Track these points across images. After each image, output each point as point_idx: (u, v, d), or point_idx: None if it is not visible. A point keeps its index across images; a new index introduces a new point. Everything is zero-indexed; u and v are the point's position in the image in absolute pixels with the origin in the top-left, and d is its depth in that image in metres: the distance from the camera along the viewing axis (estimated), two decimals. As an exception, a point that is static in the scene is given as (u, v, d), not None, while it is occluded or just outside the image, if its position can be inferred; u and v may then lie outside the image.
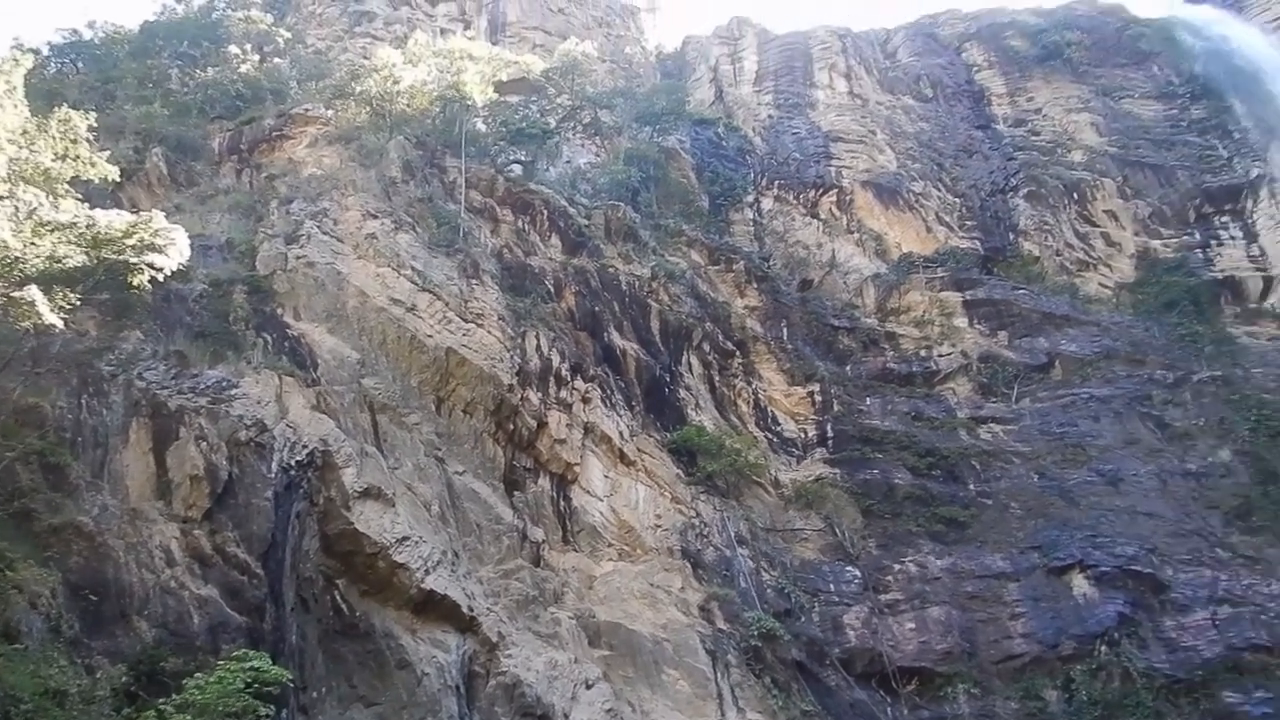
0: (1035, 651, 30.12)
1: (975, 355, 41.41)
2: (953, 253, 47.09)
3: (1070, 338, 42.79)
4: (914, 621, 30.35)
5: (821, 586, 30.47)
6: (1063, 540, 32.71)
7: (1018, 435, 38.34)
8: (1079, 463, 37.05)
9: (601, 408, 31.06)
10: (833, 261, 46.23)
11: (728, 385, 36.71)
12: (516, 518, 26.65)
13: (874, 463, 35.55)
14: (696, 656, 25.22)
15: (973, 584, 31.69)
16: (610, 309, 34.95)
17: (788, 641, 27.48)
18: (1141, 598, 31.05)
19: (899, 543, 32.88)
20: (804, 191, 49.33)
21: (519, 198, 36.41)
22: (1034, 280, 46.41)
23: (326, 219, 30.08)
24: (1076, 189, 50.23)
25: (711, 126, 52.06)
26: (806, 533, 32.66)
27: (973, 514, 34.58)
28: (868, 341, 41.88)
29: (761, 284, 41.30)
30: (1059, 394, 40.22)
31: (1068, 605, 31.10)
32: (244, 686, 15.77)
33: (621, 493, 29.64)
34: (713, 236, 43.48)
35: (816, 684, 27.35)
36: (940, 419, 38.49)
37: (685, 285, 37.48)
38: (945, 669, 29.39)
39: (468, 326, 28.96)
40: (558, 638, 23.88)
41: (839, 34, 59.36)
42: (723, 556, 29.58)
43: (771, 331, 39.45)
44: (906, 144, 52.68)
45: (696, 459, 32.33)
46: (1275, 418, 38.94)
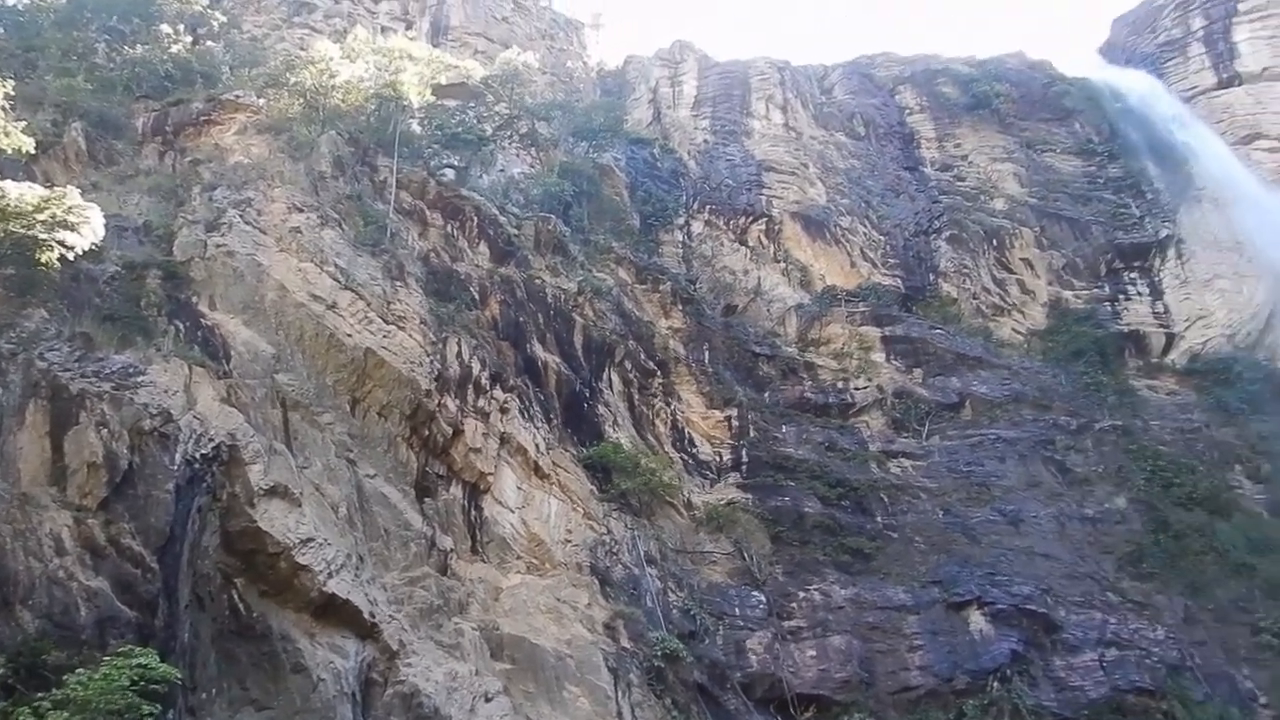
0: (931, 684, 30.67)
1: (890, 390, 42.24)
2: (875, 289, 48.05)
3: (982, 379, 43.94)
4: (815, 649, 30.68)
5: (727, 610, 30.65)
6: (963, 577, 33.44)
7: (926, 471, 39.17)
8: (983, 501, 37.98)
9: (519, 419, 30.87)
10: (758, 289, 46.84)
11: (647, 404, 36.84)
12: (426, 525, 26.27)
13: (786, 490, 35.95)
14: (599, 674, 25.12)
15: (874, 615, 32.17)
16: (534, 320, 34.83)
17: (690, 663, 27.55)
18: (1034, 636, 31.87)
19: (805, 570, 33.27)
20: (734, 218, 49.93)
21: (450, 202, 36.12)
22: (951, 321, 47.57)
23: (250, 209, 29.41)
24: (996, 236, 51.69)
25: (648, 147, 52.45)
26: (715, 556, 32.87)
27: (878, 546, 35.18)
28: (787, 370, 42.44)
29: (687, 306, 41.60)
30: (968, 433, 41.22)
31: (964, 640, 31.76)
32: (130, 684, 15.20)
33: (534, 505, 29.47)
34: (641, 256, 43.68)
35: (716, 707, 27.46)
36: (853, 451, 39.15)
37: (611, 302, 37.57)
38: (843, 697, 29.75)
39: (389, 328, 28.56)
40: (460, 649, 23.57)
41: (778, 66, 60.31)
42: (631, 575, 29.58)
43: (694, 354, 39.72)
44: (837, 179, 53.67)
45: (611, 476, 32.33)
46: (1169, 469, 40.50)
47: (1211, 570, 36.56)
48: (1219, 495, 39.91)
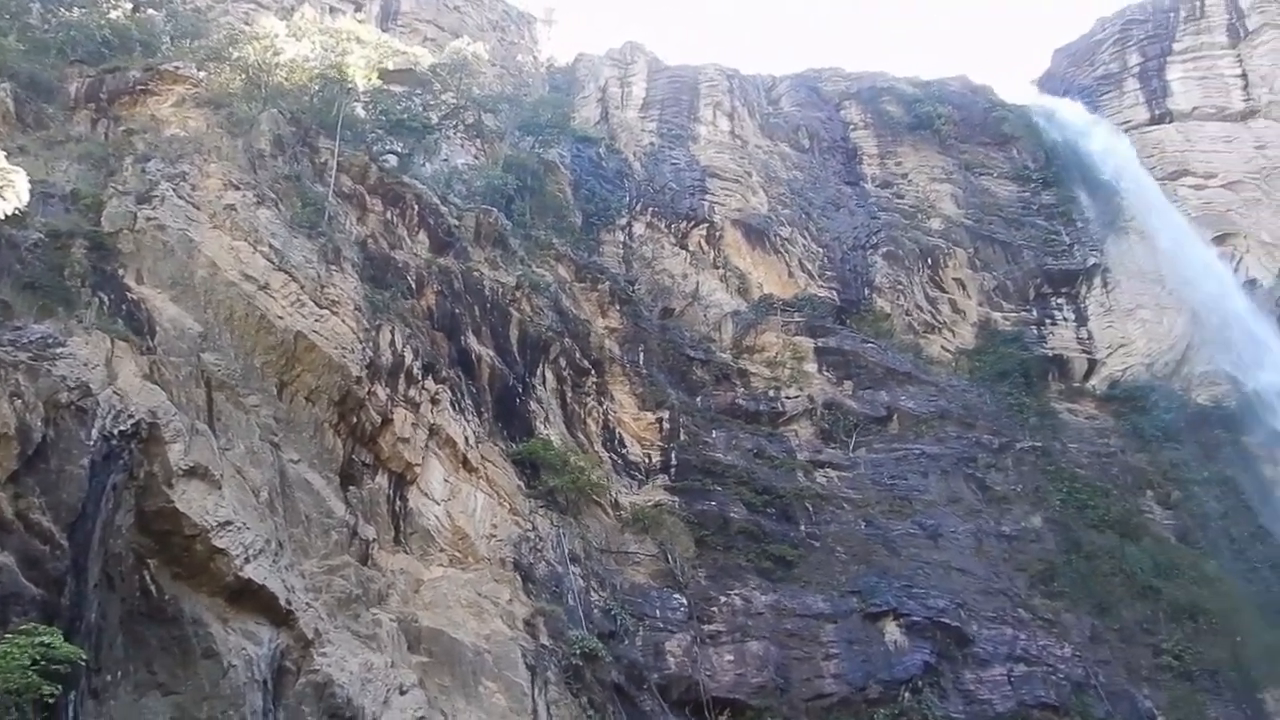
0: (844, 693, 31.16)
1: (820, 401, 42.81)
2: (810, 300, 48.67)
3: (910, 395, 44.74)
4: (733, 654, 30.97)
5: (648, 611, 30.79)
6: (881, 588, 34.02)
7: (851, 483, 39.78)
8: (904, 515, 38.69)
9: (450, 410, 30.64)
10: (696, 293, 47.15)
11: (579, 403, 36.85)
12: (349, 513, 25.94)
13: (712, 495, 36.25)
14: (516, 670, 25.05)
15: (793, 622, 32.58)
16: (471, 313, 34.61)
17: (609, 663, 27.60)
18: (947, 649, 32.55)
19: (727, 575, 33.57)
20: (676, 222, 50.19)
21: (391, 189, 35.70)
22: (883, 336, 48.37)
23: (184, 183, 28.73)
24: (931, 255, 52.68)
25: (594, 145, 52.47)
26: (639, 557, 33.01)
27: (800, 554, 35.62)
28: (720, 376, 42.80)
29: (624, 307, 41.70)
30: (893, 447, 41.96)
31: (879, 650, 32.31)
32: (31, 663, 14.71)
33: (460, 498, 29.26)
34: (582, 254, 43.69)
35: (632, 708, 27.57)
36: (780, 459, 39.60)
37: (549, 298, 37.49)
38: (758, 703, 30.08)
39: (321, 312, 28.11)
40: (377, 640, 23.32)
41: (728, 74, 60.75)
42: (554, 572, 29.54)
43: (629, 355, 39.83)
44: (779, 190, 54.23)
45: (540, 472, 32.27)
46: (1084, 491, 41.66)
47: (1119, 591, 37.70)
48: (1130, 519, 41.17)
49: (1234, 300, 51.23)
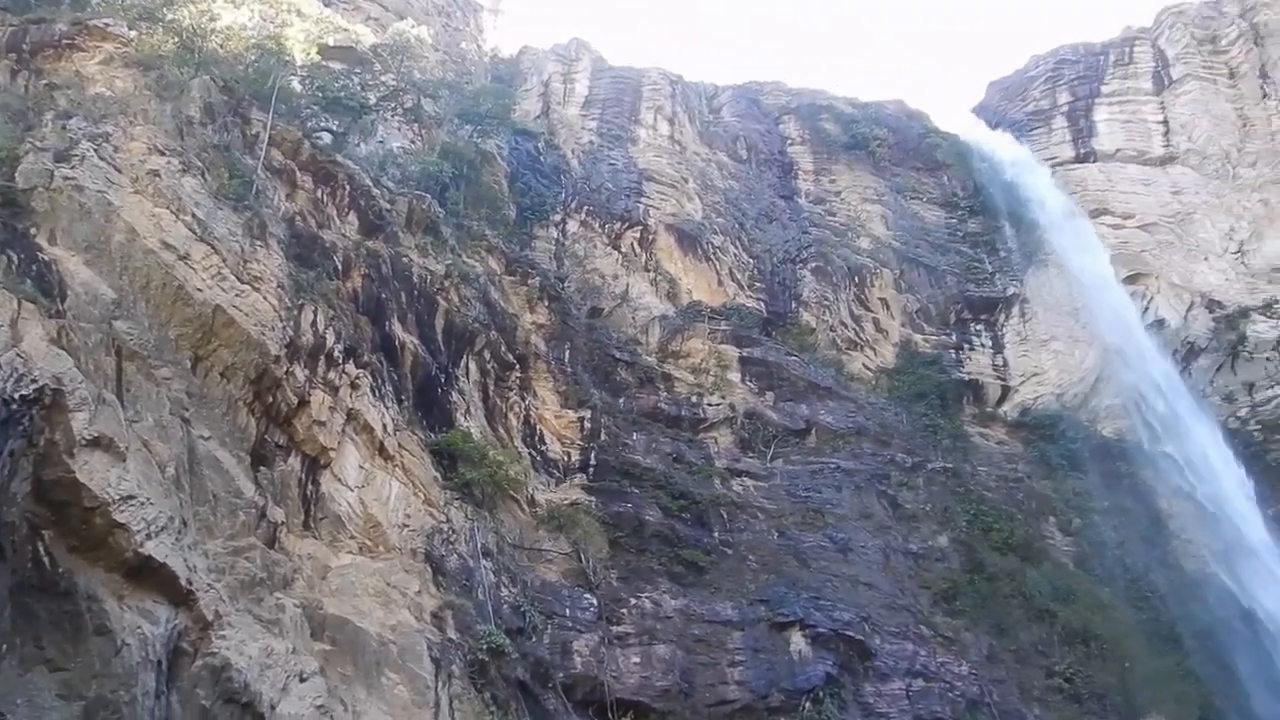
0: (747, 700, 31.45)
1: (742, 410, 43.18)
2: (738, 309, 49.08)
3: (829, 409, 45.40)
4: (640, 656, 31.03)
5: (558, 610, 30.67)
6: (789, 598, 34.41)
7: (767, 492, 40.20)
8: (816, 527, 39.24)
9: (369, 396, 30.12)
10: (626, 295, 47.18)
11: (502, 397, 36.57)
12: (258, 494, 25.31)
13: (629, 497, 36.29)
14: (421, 663, 24.71)
15: (700, 628, 32.77)
16: (397, 299, 34.09)
17: (515, 659, 27.41)
18: (849, 662, 33.08)
19: (639, 578, 33.64)
20: (610, 222, 50.16)
21: (323, 167, 34.98)
22: (807, 350, 49.02)
23: (107, 144, 27.73)
24: (858, 273, 53.56)
25: (533, 140, 52.17)
26: (552, 555, 32.88)
27: (713, 561, 35.87)
28: (645, 379, 42.91)
29: (553, 303, 41.53)
30: (810, 460, 42.53)
31: (783, 660, 32.69)
32: (-89, 632, 14.11)
33: (374, 486, 28.78)
34: (514, 247, 43.38)
35: (536, 706, 27.43)
36: (699, 465, 39.85)
37: (478, 290, 37.13)
38: (661, 706, 30.19)
39: (243, 288, 27.38)
40: (279, 625, 22.79)
41: (671, 80, 60.97)
42: (466, 566, 29.23)
43: (554, 352, 39.68)
44: (714, 198, 54.59)
45: (458, 464, 31.92)
46: (990, 514, 42.78)
47: (1017, 613, 38.76)
48: (1032, 543, 42.38)
49: (1141, 338, 53.06)
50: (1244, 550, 44.35)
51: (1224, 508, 46.28)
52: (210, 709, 20.20)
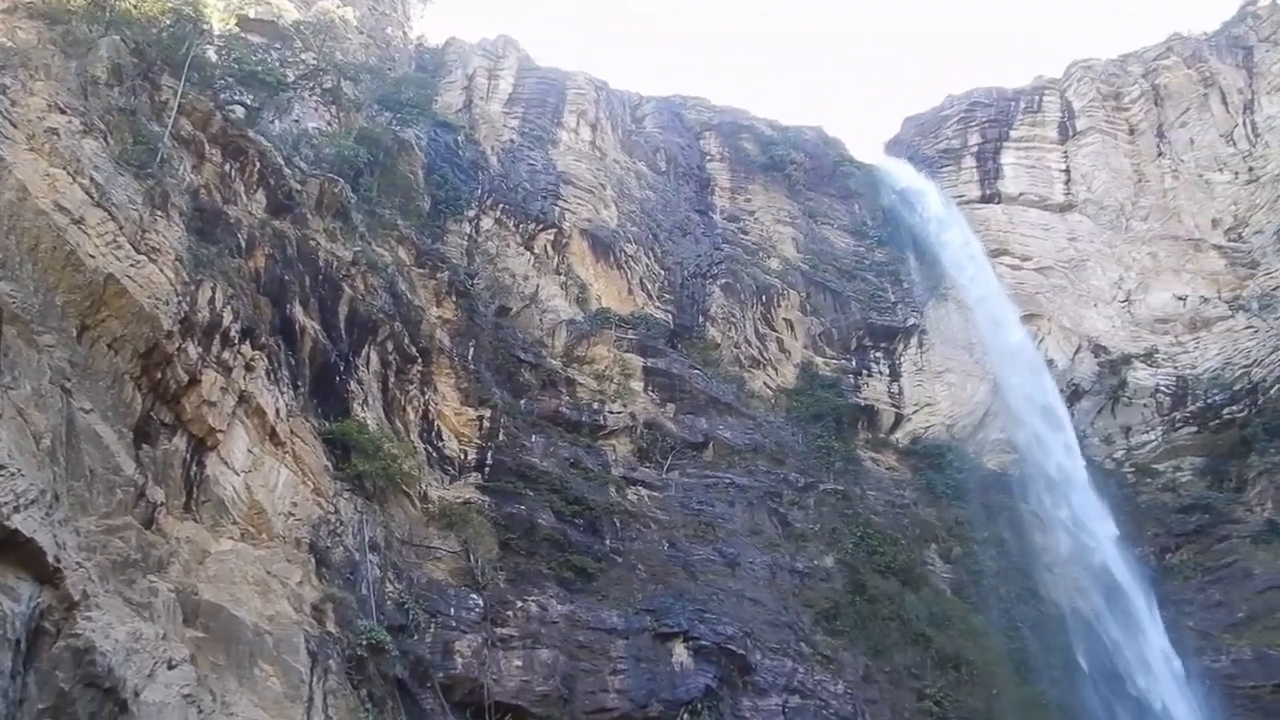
0: (626, 709, 31.54)
1: (642, 420, 43.40)
2: (646, 319, 49.33)
3: (728, 425, 45.95)
4: (522, 660, 30.88)
5: (442, 609, 30.33)
6: (675, 609, 34.66)
7: (661, 503, 40.46)
8: (707, 540, 39.63)
9: (264, 379, 29.37)
10: (535, 297, 47.01)
11: (401, 390, 36.04)
12: (139, 472, 24.43)
13: (524, 499, 36.13)
14: (297, 655, 24.15)
15: (585, 634, 32.77)
16: (300, 282, 33.33)
17: (394, 657, 27.01)
18: (729, 675, 33.46)
19: (527, 581, 33.50)
20: (525, 222, 49.93)
21: (234, 141, 34.04)
22: (711, 364, 49.53)
23: (4, 98, 26.49)
24: (766, 293, 54.38)
25: (453, 133, 51.62)
26: (441, 553, 32.51)
27: (602, 568, 35.94)
28: (548, 382, 42.77)
29: (461, 299, 41.11)
30: (705, 474, 42.97)
31: (665, 670, 32.88)
32: None
33: (262, 471, 28.06)
34: (425, 240, 42.82)
35: (413, 705, 27.08)
36: (595, 472, 39.89)
37: (385, 279, 36.56)
38: (540, 711, 30.09)
39: (139, 258, 26.43)
40: (150, 609, 22.00)
41: (597, 85, 61.05)
42: (351, 559, 28.73)
43: (459, 348, 39.28)
44: (631, 207, 54.83)
45: (350, 455, 31.32)
46: (875, 538, 43.81)
47: (894, 636, 39.75)
48: (913, 569, 43.54)
49: (1036, 377, 55.01)
50: (1110, 589, 46.26)
51: (1094, 545, 48.23)
52: (69, 692, 19.37)
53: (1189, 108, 64.21)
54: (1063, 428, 53.45)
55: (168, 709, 20.16)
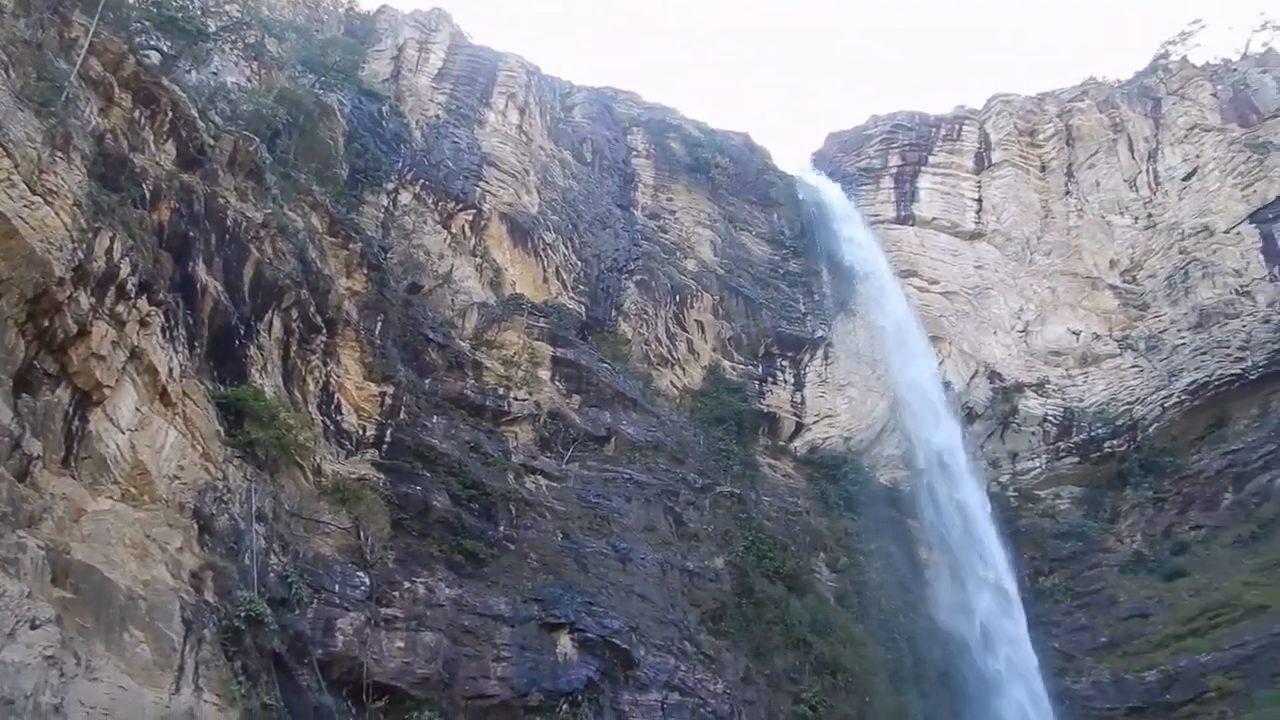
0: (506, 696, 31.42)
1: (546, 409, 43.23)
2: (559, 309, 49.16)
3: (632, 421, 46.11)
4: (405, 641, 30.48)
5: (327, 585, 29.72)
6: (564, 600, 34.64)
7: (558, 494, 40.39)
8: (601, 534, 39.71)
9: (159, 337, 28.35)
10: (449, 277, 46.39)
11: (303, 359, 35.19)
12: (16, 423, 23.36)
13: (420, 479, 35.65)
14: (170, 623, 23.43)
15: (471, 619, 32.52)
16: (206, 240, 32.28)
17: (273, 631, 26.39)
18: (612, 669, 33.59)
19: (417, 562, 33.08)
20: (445, 201, 49.22)
21: (146, 87, 32.74)
22: (620, 359, 49.62)
23: (-101, 17, 25.17)
24: (681, 293, 54.71)
25: (378, 103, 50.59)
26: (331, 528, 31.86)
27: (494, 554, 35.69)
28: (455, 363, 42.28)
29: (372, 272, 40.34)
30: (605, 468, 43.04)
31: (548, 660, 32.84)
32: None
33: (149, 431, 27.12)
34: (340, 209, 41.85)
35: (288, 680, 26.47)
36: (495, 457, 39.60)
37: (295, 245, 35.64)
38: (419, 694, 29.74)
39: (34, 199, 25.24)
40: (17, 565, 21.08)
41: (529, 69, 60.56)
42: (236, 528, 27.96)
43: (366, 322, 38.54)
44: (553, 195, 54.56)
45: (244, 422, 30.47)
46: (766, 543, 44.50)
47: (776, 639, 40.46)
48: (800, 575, 44.37)
49: (934, 398, 56.52)
50: (990, 608, 47.82)
51: (977, 564, 49.82)
52: (-78, 647, 18.56)
53: (1098, 150, 66.71)
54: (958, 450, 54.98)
55: (27, 670, 19.42)
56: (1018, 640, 46.38)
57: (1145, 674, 45.26)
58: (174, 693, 22.47)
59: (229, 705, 23.66)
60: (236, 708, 23.77)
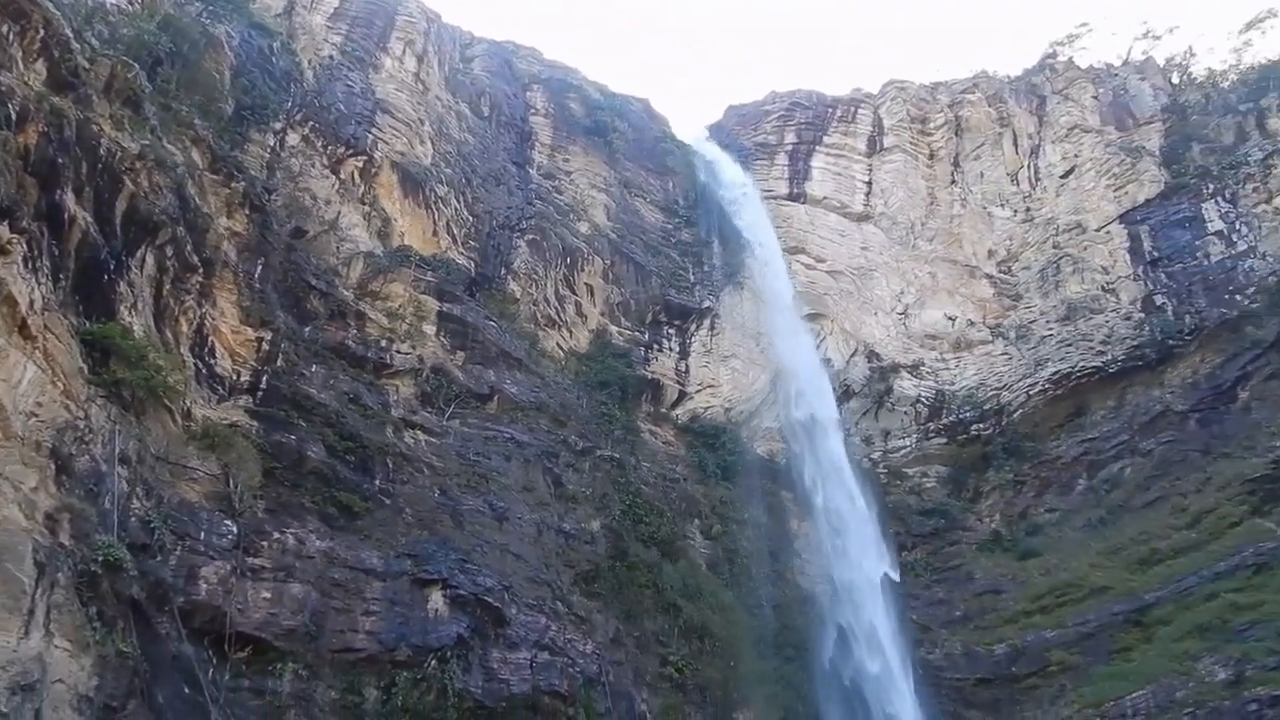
0: (374, 650, 31.20)
1: (430, 364, 42.71)
2: (448, 263, 48.50)
3: (516, 381, 45.98)
4: (271, 592, 29.93)
5: (192, 532, 28.88)
6: (437, 556, 34.48)
7: (437, 450, 40.05)
8: (479, 492, 39.59)
9: (20, 266, 26.90)
10: (335, 223, 45.16)
11: (176, 299, 33.85)
12: None
13: (295, 429, 34.84)
14: (21, 565, 22.49)
15: (341, 572, 32.10)
16: (76, 168, 30.66)
17: (132, 577, 25.59)
18: (483, 627, 33.67)
19: (288, 513, 32.41)
20: (335, 145, 47.78)
21: (15, 2, 30.86)
22: (507, 318, 49.33)
23: None
24: (572, 255, 54.63)
25: (269, 38, 48.58)
26: (199, 474, 30.89)
27: (369, 508, 35.21)
28: (337, 312, 41.31)
29: (254, 214, 38.89)
30: (487, 426, 42.85)
31: (418, 616, 32.71)
32: None
33: (5, 365, 25.74)
34: (223, 145, 40.17)
35: (147, 627, 25.75)
36: (375, 410, 38.98)
37: (173, 180, 34.13)
38: (284, 645, 29.29)
39: (-114, 111, 23.73)
40: None
41: (429, 16, 59.14)
42: (97, 470, 26.90)
43: (245, 264, 37.25)
44: (447, 147, 53.63)
45: (110, 360, 29.19)
46: (643, 508, 45.14)
47: (648, 603, 41.22)
48: (674, 541, 45.17)
49: (815, 374, 57.94)
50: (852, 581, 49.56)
51: (845, 538, 51.49)
52: None
53: (984, 143, 68.97)
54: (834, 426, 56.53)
55: None
56: (877, 613, 48.24)
57: (994, 647, 47.85)
58: (22, 637, 21.68)
59: (81, 651, 22.94)
60: (90, 654, 23.06)
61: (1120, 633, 46.13)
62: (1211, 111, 69.27)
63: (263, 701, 28.39)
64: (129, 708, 23.58)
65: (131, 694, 23.80)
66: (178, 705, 25.50)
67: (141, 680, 24.36)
